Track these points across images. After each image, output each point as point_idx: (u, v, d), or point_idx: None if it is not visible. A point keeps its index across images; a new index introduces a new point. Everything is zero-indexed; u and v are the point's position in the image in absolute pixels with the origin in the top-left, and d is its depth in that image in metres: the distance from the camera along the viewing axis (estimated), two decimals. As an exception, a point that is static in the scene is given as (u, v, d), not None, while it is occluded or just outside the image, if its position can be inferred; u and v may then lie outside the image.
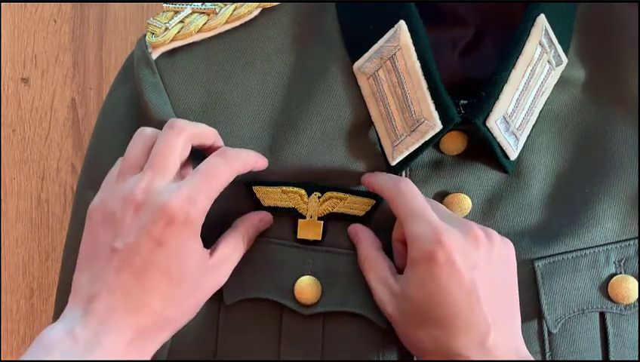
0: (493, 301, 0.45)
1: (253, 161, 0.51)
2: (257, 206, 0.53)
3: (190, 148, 0.49)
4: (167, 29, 0.53)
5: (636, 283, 0.50)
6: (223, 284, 0.49)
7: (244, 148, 0.53)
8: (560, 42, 0.51)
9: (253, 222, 0.51)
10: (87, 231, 0.47)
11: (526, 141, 0.52)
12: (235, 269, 0.52)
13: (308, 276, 0.52)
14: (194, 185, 0.46)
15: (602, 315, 0.51)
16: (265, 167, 0.52)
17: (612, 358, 0.50)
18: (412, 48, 0.49)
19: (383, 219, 0.52)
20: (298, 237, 0.52)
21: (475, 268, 0.45)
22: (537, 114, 0.52)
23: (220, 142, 0.51)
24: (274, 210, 0.53)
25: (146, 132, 0.49)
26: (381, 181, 0.50)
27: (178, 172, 0.48)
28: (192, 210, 0.45)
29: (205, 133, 0.50)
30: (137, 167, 0.48)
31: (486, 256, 0.46)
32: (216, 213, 0.49)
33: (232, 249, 0.50)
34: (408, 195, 0.48)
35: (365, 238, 0.51)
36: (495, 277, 0.46)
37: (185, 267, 0.45)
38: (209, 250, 0.48)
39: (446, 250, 0.44)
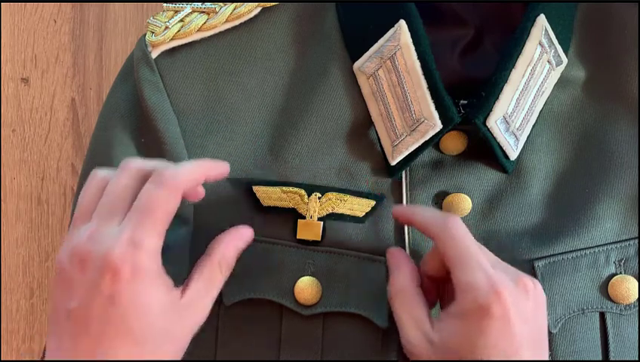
0: (536, 350, 0.43)
1: (201, 172, 0.44)
2: (257, 206, 0.53)
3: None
4: (167, 28, 0.53)
5: (636, 283, 0.50)
6: (204, 319, 0.45)
7: (245, 147, 0.53)
8: (560, 42, 0.51)
9: (231, 243, 0.46)
10: (52, 288, 0.43)
11: (526, 141, 0.52)
12: (234, 270, 0.52)
13: (308, 276, 0.52)
14: (134, 225, 0.41)
15: (602, 315, 0.51)
16: (225, 172, 0.47)
17: (612, 358, 0.50)
18: (412, 48, 0.49)
19: (382, 220, 0.52)
20: (298, 237, 0.52)
21: (526, 322, 0.42)
22: (537, 114, 0.52)
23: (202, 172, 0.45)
24: (274, 210, 0.53)
25: (98, 174, 0.45)
26: (426, 218, 0.46)
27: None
28: (139, 256, 0.40)
29: (165, 169, 0.43)
30: (89, 214, 0.43)
31: (534, 307, 0.43)
32: (215, 217, 0.49)
33: (206, 281, 0.44)
34: (460, 237, 0.44)
35: (406, 269, 0.47)
36: (538, 325, 0.44)
37: (147, 321, 0.40)
38: (180, 288, 0.43)
39: (502, 304, 0.41)
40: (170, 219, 0.42)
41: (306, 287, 0.51)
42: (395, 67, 0.50)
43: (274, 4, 0.54)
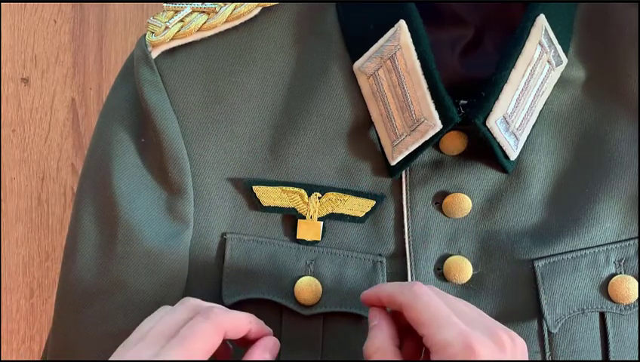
0: None
1: (246, 322, 0.45)
2: (257, 206, 0.53)
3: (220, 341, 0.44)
4: (167, 28, 0.53)
5: (636, 283, 0.50)
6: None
7: (245, 147, 0.53)
8: (560, 42, 0.51)
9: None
10: None
11: (526, 141, 0.52)
12: (234, 269, 0.52)
13: (308, 276, 0.52)
14: (171, 348, 0.41)
15: (602, 315, 0.51)
16: (271, 338, 0.47)
17: (612, 358, 0.50)
18: (412, 48, 0.49)
19: (382, 220, 0.52)
20: (298, 237, 0.53)
21: None
22: (537, 114, 0.52)
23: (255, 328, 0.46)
24: (274, 210, 0.53)
25: (164, 308, 0.45)
26: (390, 290, 0.45)
27: None
28: None
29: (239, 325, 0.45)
30: (160, 341, 0.43)
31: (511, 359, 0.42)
32: (215, 217, 0.49)
33: None
34: (428, 299, 0.43)
35: (385, 329, 0.45)
36: None
37: None
38: None
39: (478, 358, 0.40)
40: (208, 354, 0.42)
41: (306, 287, 0.51)
42: (395, 67, 0.50)
43: (274, 4, 0.54)
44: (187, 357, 0.41)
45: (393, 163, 0.51)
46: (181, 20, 0.53)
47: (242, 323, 0.45)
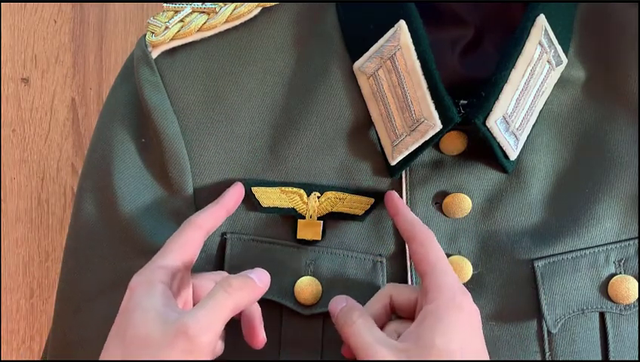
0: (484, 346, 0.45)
1: (219, 209, 0.50)
2: (257, 206, 0.53)
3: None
4: (167, 28, 0.53)
5: (636, 283, 0.50)
6: None
7: (245, 147, 0.53)
8: (560, 42, 0.51)
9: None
10: None
11: (526, 141, 0.52)
12: (234, 269, 0.52)
13: (308, 276, 0.52)
14: None
15: (602, 315, 0.51)
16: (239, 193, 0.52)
17: (612, 358, 0.50)
18: (412, 48, 0.49)
19: (382, 218, 0.52)
20: (298, 237, 0.53)
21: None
22: (537, 114, 0.52)
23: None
24: (273, 210, 0.53)
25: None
26: (413, 220, 0.48)
27: None
28: None
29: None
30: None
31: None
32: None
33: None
34: (437, 245, 0.47)
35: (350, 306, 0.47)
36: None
37: None
38: None
39: (471, 302, 0.45)
40: (191, 251, 0.47)
41: (306, 287, 0.51)
42: (395, 67, 0.50)
43: (274, 4, 0.54)
44: (170, 254, 0.46)
45: (393, 163, 0.51)
46: (181, 20, 0.53)
47: (216, 214, 0.50)
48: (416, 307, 0.46)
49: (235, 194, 0.52)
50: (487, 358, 0.44)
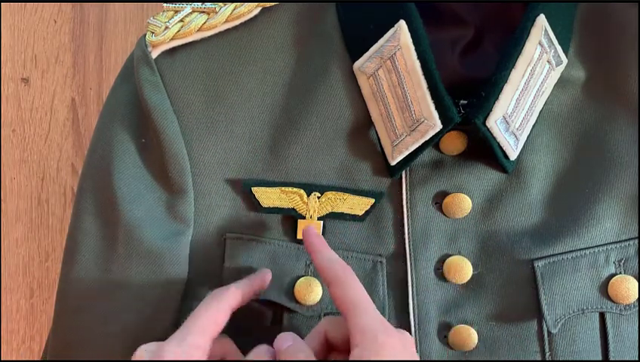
0: None
1: (249, 291, 0.49)
2: (257, 206, 0.53)
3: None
4: (167, 28, 0.53)
5: (636, 283, 0.50)
6: None
7: (244, 147, 0.53)
8: (560, 42, 0.51)
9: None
10: None
11: (526, 141, 0.52)
12: (234, 270, 0.52)
13: (307, 276, 0.52)
14: (184, 327, 0.46)
15: (602, 315, 0.51)
16: (268, 279, 0.51)
17: (612, 358, 0.50)
18: (412, 48, 0.49)
19: (382, 218, 0.52)
20: (298, 237, 0.53)
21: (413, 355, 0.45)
22: (537, 114, 0.52)
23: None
24: (273, 211, 0.53)
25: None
26: (329, 260, 0.47)
27: None
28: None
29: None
30: None
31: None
32: (215, 218, 0.49)
33: None
34: (358, 284, 0.46)
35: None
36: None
37: None
38: None
39: (395, 339, 0.43)
40: (218, 328, 0.47)
41: (306, 287, 0.51)
42: (395, 67, 0.50)
43: (274, 4, 0.54)
44: (201, 331, 0.45)
45: (393, 163, 0.51)
46: (181, 20, 0.53)
47: (244, 292, 0.49)
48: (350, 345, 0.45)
49: (263, 278, 0.51)
50: None
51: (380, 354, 0.42)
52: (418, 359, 0.44)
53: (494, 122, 0.49)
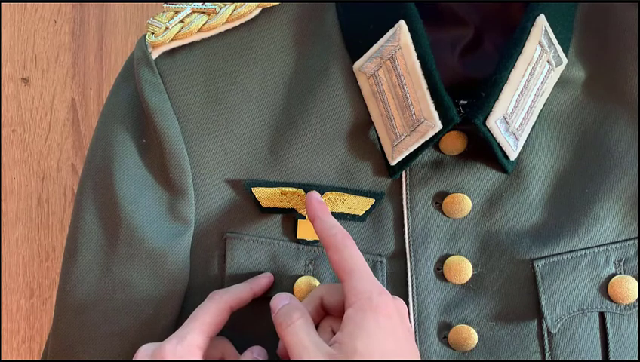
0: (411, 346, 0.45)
1: (248, 292, 0.50)
2: (257, 207, 0.53)
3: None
4: (167, 28, 0.53)
5: (636, 283, 0.50)
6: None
7: (245, 147, 0.53)
8: (560, 42, 0.51)
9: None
10: None
11: (526, 141, 0.52)
12: (235, 270, 0.52)
13: (307, 276, 0.52)
14: (183, 326, 0.47)
15: (602, 315, 0.51)
16: (270, 282, 0.52)
17: (612, 358, 0.50)
18: (412, 48, 0.49)
19: (382, 218, 0.53)
20: (298, 237, 0.53)
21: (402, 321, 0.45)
22: (537, 114, 0.52)
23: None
24: (274, 211, 0.53)
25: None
26: (329, 226, 0.47)
27: None
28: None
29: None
30: None
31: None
32: (215, 219, 0.49)
33: None
34: (356, 251, 0.46)
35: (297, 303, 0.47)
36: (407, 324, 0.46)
37: None
38: None
39: (389, 304, 0.44)
40: (218, 327, 0.48)
41: (306, 287, 0.51)
42: (395, 67, 0.50)
43: (274, 4, 0.54)
44: (200, 330, 0.46)
45: (393, 163, 0.51)
46: (181, 21, 0.53)
47: (244, 294, 0.50)
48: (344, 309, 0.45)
49: (264, 281, 0.52)
50: (413, 356, 0.43)
51: (374, 315, 0.43)
52: (409, 326, 0.45)
53: (494, 122, 0.49)
